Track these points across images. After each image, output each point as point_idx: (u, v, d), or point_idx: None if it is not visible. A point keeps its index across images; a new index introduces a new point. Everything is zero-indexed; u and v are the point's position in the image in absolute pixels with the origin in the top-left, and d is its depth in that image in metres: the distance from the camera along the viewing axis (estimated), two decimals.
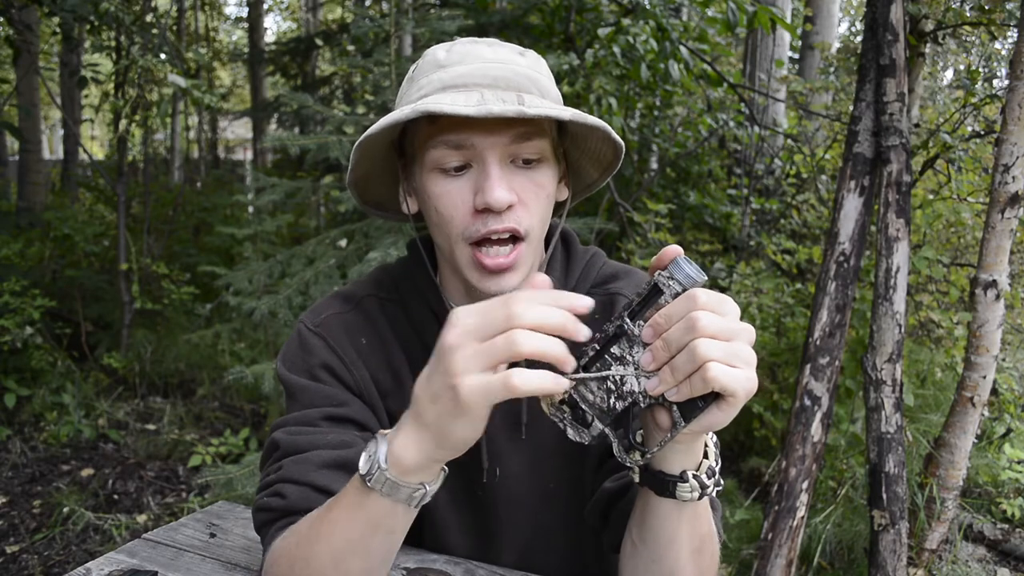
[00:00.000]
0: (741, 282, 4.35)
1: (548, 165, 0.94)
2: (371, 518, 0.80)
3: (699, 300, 0.69)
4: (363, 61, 3.10)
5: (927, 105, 5.38)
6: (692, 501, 0.82)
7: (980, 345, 2.57)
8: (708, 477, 0.81)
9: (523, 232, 0.91)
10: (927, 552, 2.76)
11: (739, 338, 0.70)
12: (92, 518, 3.30)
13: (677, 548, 0.86)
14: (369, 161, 0.98)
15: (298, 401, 1.01)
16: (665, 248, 0.73)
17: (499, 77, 0.89)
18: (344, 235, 3.10)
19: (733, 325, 0.70)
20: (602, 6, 4.82)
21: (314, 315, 1.07)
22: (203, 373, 4.88)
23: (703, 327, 0.68)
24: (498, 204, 0.87)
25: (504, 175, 0.89)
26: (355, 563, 0.83)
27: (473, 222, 0.90)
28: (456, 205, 0.91)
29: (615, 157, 0.99)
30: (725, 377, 0.68)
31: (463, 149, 0.89)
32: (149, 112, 4.88)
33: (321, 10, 12.75)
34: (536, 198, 0.92)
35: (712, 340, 0.68)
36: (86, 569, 1.06)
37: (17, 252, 5.01)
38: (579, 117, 0.86)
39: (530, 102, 0.86)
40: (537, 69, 0.94)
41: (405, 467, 0.75)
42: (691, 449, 0.80)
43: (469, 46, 0.93)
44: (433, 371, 0.72)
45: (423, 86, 0.92)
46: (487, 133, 0.87)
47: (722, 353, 0.68)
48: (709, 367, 0.68)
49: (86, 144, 12.81)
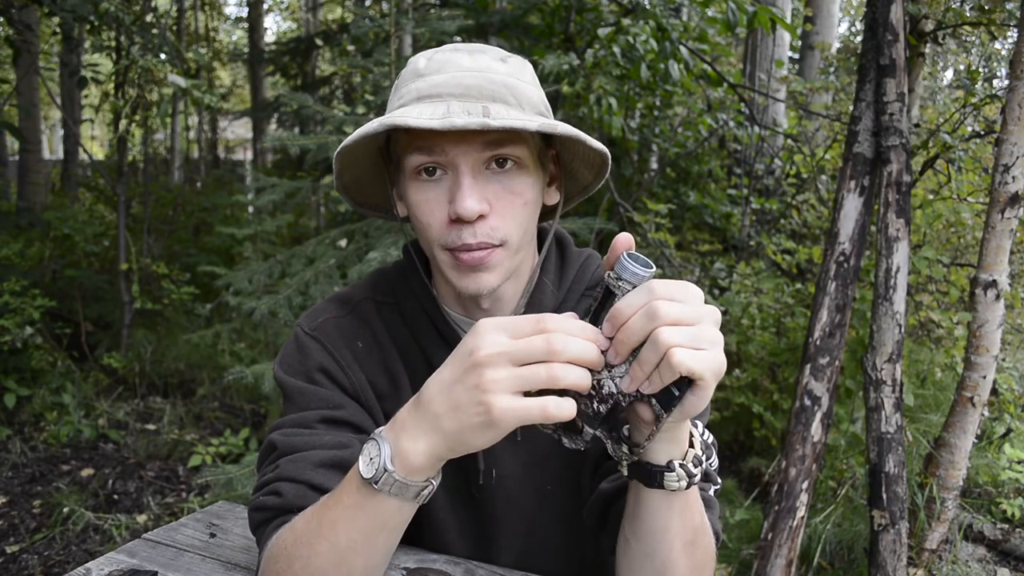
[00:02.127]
0: (741, 282, 4.36)
1: (526, 172, 0.94)
2: (377, 518, 0.81)
3: (656, 290, 0.71)
4: (363, 61, 3.10)
5: (927, 105, 5.38)
6: (681, 491, 0.83)
7: (980, 345, 2.57)
8: (695, 466, 0.82)
9: (497, 242, 0.92)
10: (927, 552, 2.76)
11: (702, 321, 0.71)
12: (92, 518, 3.30)
13: (670, 540, 0.87)
14: (357, 167, 1.00)
15: (295, 404, 1.02)
16: (614, 241, 0.75)
17: (471, 86, 0.89)
18: (344, 235, 3.10)
19: (695, 309, 0.71)
20: (602, 6, 4.82)
21: (311, 319, 1.08)
22: (203, 373, 4.88)
23: (662, 315, 0.69)
24: (468, 214, 0.88)
25: (476, 184, 0.90)
26: (358, 561, 0.84)
27: (448, 231, 0.92)
28: (433, 212, 0.92)
29: (603, 161, 0.99)
30: (690, 360, 0.69)
31: (436, 155, 0.90)
32: (149, 112, 4.89)
33: (321, 10, 12.75)
34: (511, 206, 0.93)
35: (673, 327, 0.69)
36: (86, 569, 1.06)
37: (17, 252, 5.01)
38: (547, 127, 0.87)
39: (496, 112, 0.86)
40: (518, 76, 0.94)
41: (413, 468, 0.77)
42: (676, 438, 0.81)
43: (449, 54, 0.93)
44: (457, 382, 0.73)
45: (403, 95, 0.94)
46: (457, 142, 0.88)
47: (683, 338, 0.69)
48: (673, 353, 0.69)
49: (86, 144, 12.82)
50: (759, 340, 3.88)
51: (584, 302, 1.06)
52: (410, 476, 0.78)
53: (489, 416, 0.71)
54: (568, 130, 0.88)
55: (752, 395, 3.82)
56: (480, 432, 0.73)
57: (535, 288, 1.04)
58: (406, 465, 0.77)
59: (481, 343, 0.72)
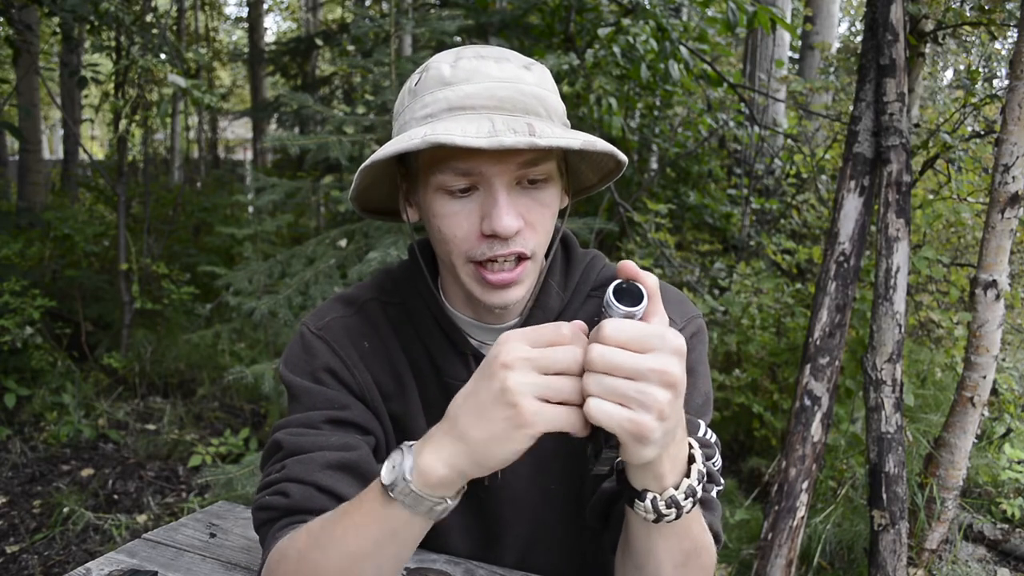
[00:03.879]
0: (741, 282, 4.35)
1: (553, 184, 0.94)
2: (389, 527, 0.80)
3: (602, 331, 0.68)
4: (363, 61, 3.09)
5: (927, 105, 5.38)
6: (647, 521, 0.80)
7: (980, 345, 2.57)
8: (667, 506, 0.78)
9: (529, 253, 0.92)
10: (927, 552, 2.76)
11: (643, 378, 0.67)
12: (92, 518, 3.30)
13: (656, 562, 0.86)
14: (370, 174, 0.99)
15: (300, 403, 1.02)
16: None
17: (506, 99, 0.88)
18: (344, 235, 3.10)
19: (642, 363, 0.67)
20: (602, 6, 4.82)
21: (317, 318, 1.08)
22: (203, 373, 4.88)
23: (590, 360, 0.67)
24: (506, 231, 0.87)
25: (511, 200, 0.89)
26: (368, 569, 0.84)
27: (479, 244, 0.90)
28: (462, 226, 0.90)
29: (617, 167, 0.99)
30: (599, 414, 0.67)
31: (471, 176, 0.88)
32: (149, 112, 4.89)
33: (321, 10, 12.75)
34: (542, 219, 0.92)
35: (598, 375, 0.67)
36: (86, 569, 1.06)
37: (17, 252, 5.01)
38: (589, 145, 0.85)
39: (540, 130, 0.84)
40: (543, 85, 0.93)
41: (431, 481, 0.75)
42: (651, 472, 0.76)
43: (476, 62, 0.90)
44: (483, 389, 0.72)
45: (428, 104, 0.90)
46: (496, 162, 0.87)
47: (601, 389, 0.67)
48: (587, 402, 0.67)
49: (86, 144, 12.82)
50: (759, 340, 3.88)
51: (589, 303, 1.06)
52: (426, 489, 0.76)
53: (519, 419, 0.69)
54: (606, 147, 0.87)
55: (752, 395, 3.82)
56: (507, 440, 0.70)
57: (541, 290, 1.03)
58: (424, 477, 0.75)
59: (504, 350, 0.71)
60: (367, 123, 3.01)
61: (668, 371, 0.67)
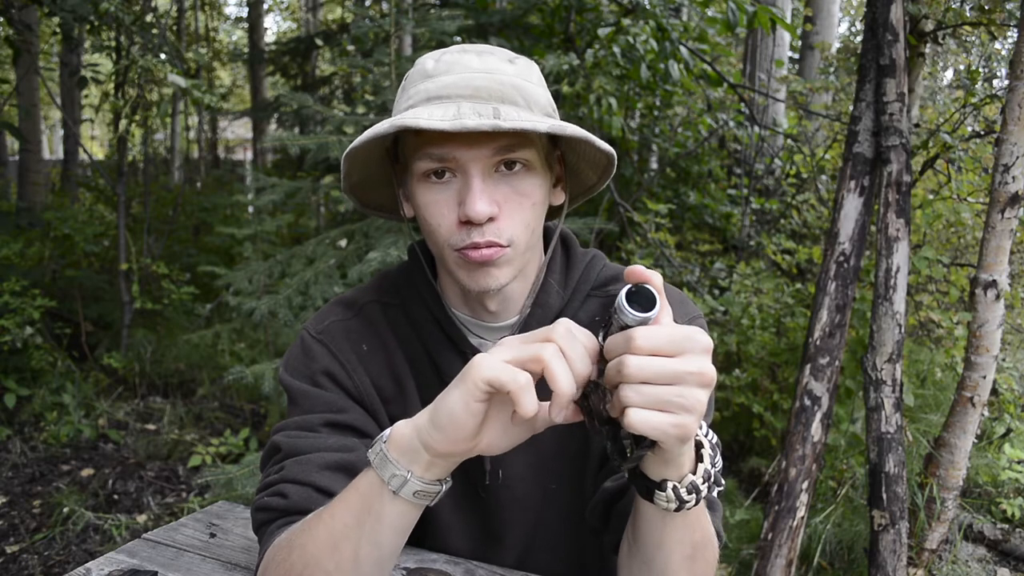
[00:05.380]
0: (741, 282, 4.35)
1: (534, 173, 0.94)
2: (363, 498, 0.82)
3: (635, 342, 0.68)
4: (363, 61, 3.09)
5: (927, 105, 5.38)
6: (670, 511, 0.81)
7: (980, 345, 2.57)
8: (688, 492, 0.79)
9: (505, 243, 0.92)
10: (927, 552, 2.76)
11: (680, 381, 0.67)
12: (92, 518, 3.30)
13: (666, 553, 0.86)
14: (364, 168, 1.00)
15: (299, 406, 1.03)
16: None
17: (481, 87, 0.89)
18: (344, 235, 3.10)
19: (675, 367, 0.67)
20: (602, 6, 4.82)
21: (317, 322, 1.08)
22: (203, 373, 4.88)
23: (627, 373, 0.67)
24: (478, 217, 0.89)
25: (486, 187, 0.90)
26: (345, 549, 0.84)
27: (458, 232, 0.92)
28: (443, 214, 0.92)
29: (609, 162, 1.00)
30: (642, 424, 0.67)
31: (446, 160, 0.90)
32: (149, 112, 4.90)
33: (321, 10, 12.75)
34: (519, 207, 0.93)
35: (637, 386, 0.67)
36: (86, 569, 1.06)
37: (17, 252, 5.01)
38: (557, 128, 0.87)
39: (507, 114, 0.86)
40: (526, 77, 0.94)
41: (400, 445, 0.79)
42: (672, 462, 0.78)
43: (458, 55, 0.93)
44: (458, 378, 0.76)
45: (411, 96, 0.93)
46: (468, 146, 0.88)
47: (643, 399, 0.67)
48: (627, 413, 0.68)
49: (86, 144, 12.82)
50: (759, 340, 3.88)
51: (589, 302, 1.07)
52: (393, 453, 0.79)
53: (469, 370, 0.72)
54: (576, 131, 0.88)
55: (752, 395, 3.82)
56: (454, 388, 0.74)
57: (541, 289, 1.04)
58: (394, 441, 0.80)
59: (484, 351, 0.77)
60: (367, 123, 3.00)
61: (704, 372, 0.68)
